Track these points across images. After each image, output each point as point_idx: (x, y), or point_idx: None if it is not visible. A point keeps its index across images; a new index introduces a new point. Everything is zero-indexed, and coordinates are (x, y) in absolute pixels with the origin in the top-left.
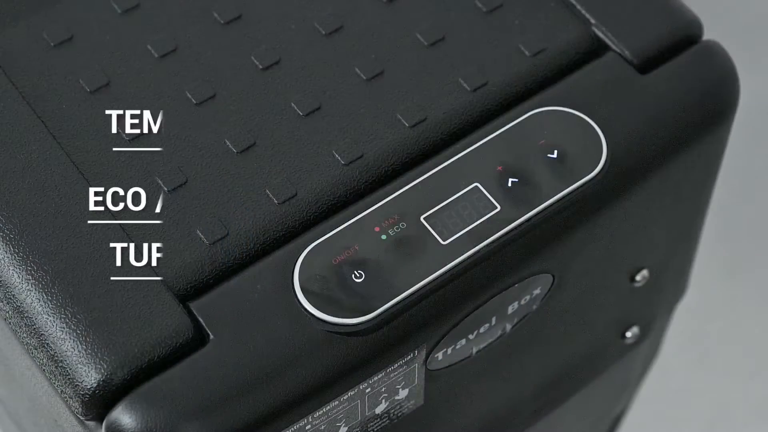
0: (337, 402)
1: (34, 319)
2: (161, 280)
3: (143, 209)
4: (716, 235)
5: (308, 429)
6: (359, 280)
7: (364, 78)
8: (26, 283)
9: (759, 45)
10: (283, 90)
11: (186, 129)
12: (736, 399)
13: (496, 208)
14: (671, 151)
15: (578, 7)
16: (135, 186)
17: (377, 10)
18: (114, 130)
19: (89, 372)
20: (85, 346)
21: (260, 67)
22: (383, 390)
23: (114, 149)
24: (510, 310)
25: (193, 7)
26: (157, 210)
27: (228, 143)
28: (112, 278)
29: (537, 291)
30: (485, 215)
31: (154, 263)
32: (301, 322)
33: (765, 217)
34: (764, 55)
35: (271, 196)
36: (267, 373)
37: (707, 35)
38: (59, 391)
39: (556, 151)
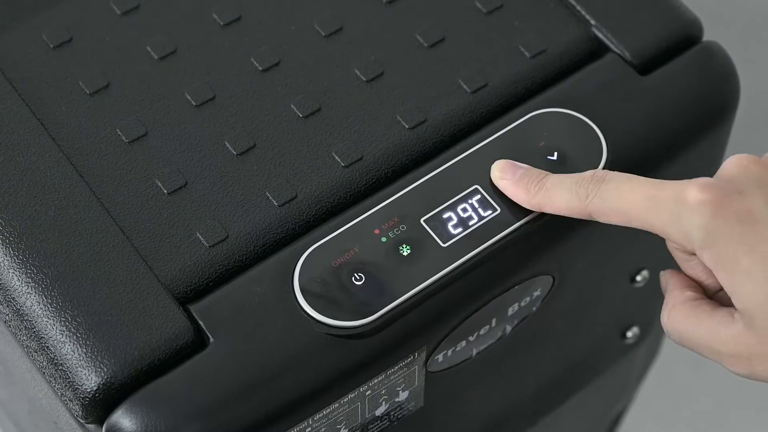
0: (337, 404)
1: (34, 322)
2: (161, 283)
3: (143, 212)
4: None
5: (308, 431)
6: (359, 283)
7: (364, 79)
8: (26, 286)
9: (759, 45)
10: (283, 92)
11: (185, 131)
12: (735, 399)
13: (497, 210)
14: (671, 152)
15: (578, 8)
16: (134, 188)
17: (377, 11)
18: (113, 132)
19: (89, 375)
20: (85, 349)
21: (260, 68)
22: (383, 392)
23: (113, 151)
24: (510, 311)
25: (193, 8)
26: (157, 212)
27: (228, 145)
28: (112, 281)
29: (537, 292)
30: (485, 217)
31: (153, 266)
32: (301, 325)
33: None
34: (764, 55)
35: (270, 198)
36: (267, 376)
37: (707, 35)
38: (59, 394)
39: (556, 153)
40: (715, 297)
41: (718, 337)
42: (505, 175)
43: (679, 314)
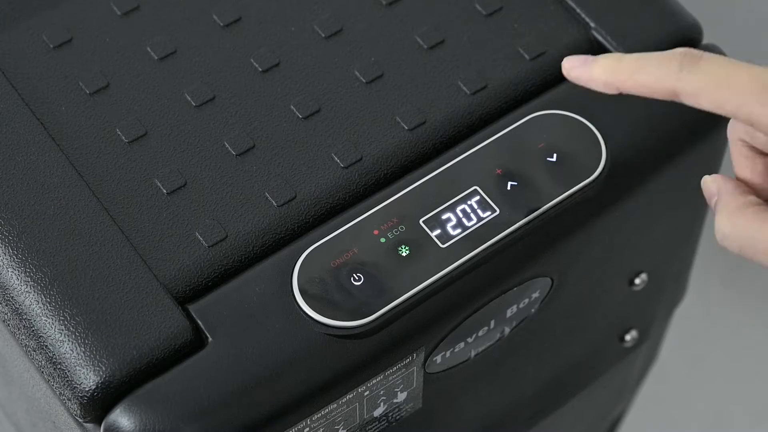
0: (335, 405)
1: (32, 320)
2: (160, 283)
3: (142, 211)
4: (715, 239)
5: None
6: (358, 283)
7: (364, 81)
8: (25, 285)
9: (758, 47)
10: (283, 92)
11: (185, 131)
12: (734, 403)
13: (496, 211)
14: (671, 154)
15: (577, 10)
16: (134, 188)
17: (377, 12)
18: (113, 132)
19: (88, 374)
20: (83, 348)
21: (260, 69)
22: (382, 393)
23: (113, 151)
24: (509, 313)
25: (193, 9)
26: (156, 212)
27: (227, 146)
28: (111, 280)
29: (536, 294)
30: (484, 219)
31: (152, 266)
32: (299, 325)
33: None
34: (764, 58)
35: (270, 198)
36: (265, 376)
37: (706, 37)
38: (57, 393)
39: (555, 155)
40: None
41: None
42: (574, 63)
43: (743, 218)
